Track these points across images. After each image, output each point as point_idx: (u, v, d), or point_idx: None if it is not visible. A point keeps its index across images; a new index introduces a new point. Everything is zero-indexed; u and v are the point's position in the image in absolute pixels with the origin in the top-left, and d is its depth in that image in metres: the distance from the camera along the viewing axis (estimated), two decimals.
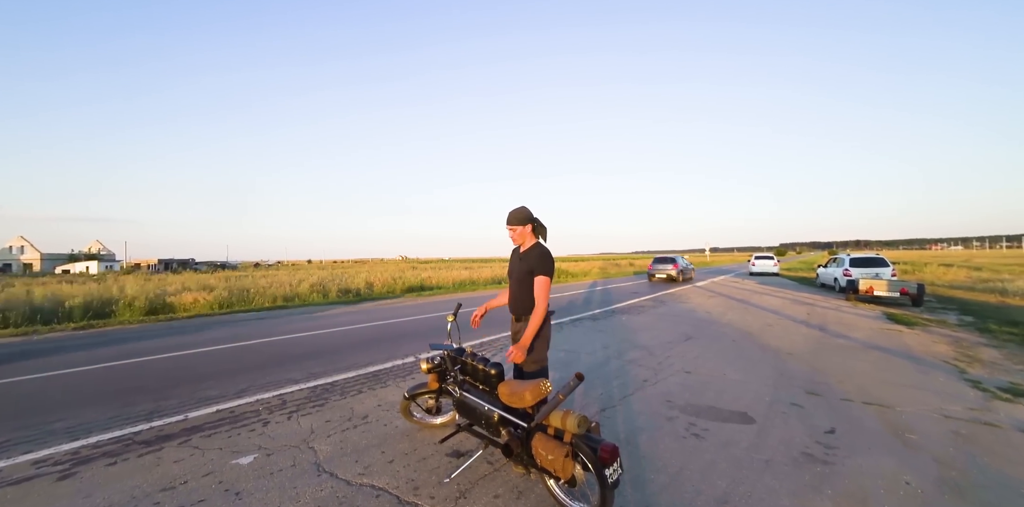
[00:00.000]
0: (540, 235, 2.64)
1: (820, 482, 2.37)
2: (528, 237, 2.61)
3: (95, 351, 6.12)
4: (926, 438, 2.90)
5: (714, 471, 2.50)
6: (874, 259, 13.38)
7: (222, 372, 4.76)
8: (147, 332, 7.80)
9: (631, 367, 4.75)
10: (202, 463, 2.67)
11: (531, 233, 2.62)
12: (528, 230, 2.59)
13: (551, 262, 2.50)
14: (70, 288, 12.89)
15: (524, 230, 2.58)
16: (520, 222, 2.57)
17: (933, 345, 5.76)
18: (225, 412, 3.53)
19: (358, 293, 15.01)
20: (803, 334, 6.58)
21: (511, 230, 2.60)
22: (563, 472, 1.91)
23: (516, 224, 2.57)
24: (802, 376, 4.37)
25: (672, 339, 6.25)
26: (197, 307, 11.33)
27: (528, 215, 2.58)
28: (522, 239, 2.61)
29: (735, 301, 11.21)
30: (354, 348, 5.92)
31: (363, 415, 3.41)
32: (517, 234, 2.59)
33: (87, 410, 3.64)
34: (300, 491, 2.33)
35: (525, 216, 2.58)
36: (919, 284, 9.89)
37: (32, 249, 58.97)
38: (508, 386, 2.27)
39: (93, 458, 2.77)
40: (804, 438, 2.92)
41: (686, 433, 3.03)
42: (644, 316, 8.62)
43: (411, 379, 4.38)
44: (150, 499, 2.29)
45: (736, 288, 15.43)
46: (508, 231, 2.62)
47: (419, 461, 2.65)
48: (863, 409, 3.44)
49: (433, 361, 2.78)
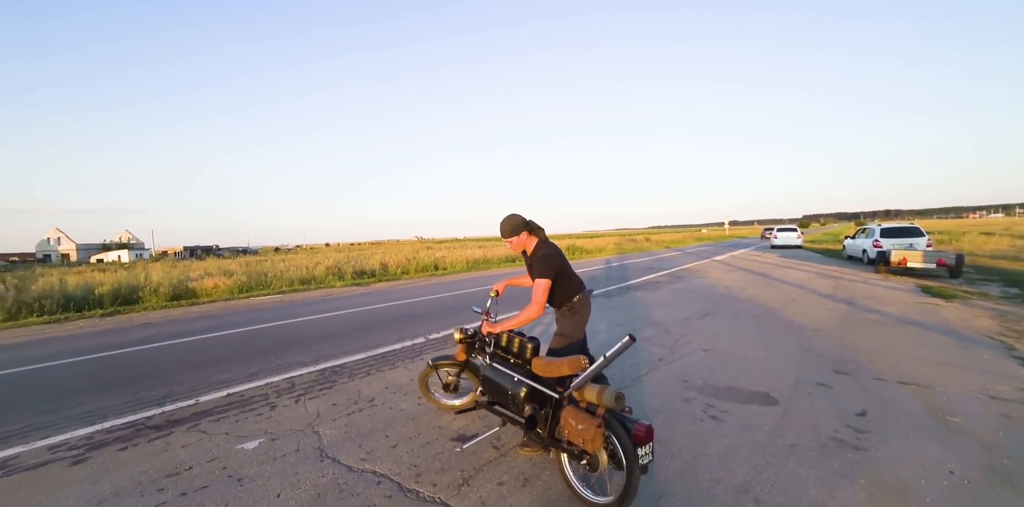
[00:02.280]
0: (538, 235, 2.59)
1: (852, 470, 2.19)
2: (529, 242, 2.56)
3: (119, 337, 6.32)
4: (971, 421, 2.66)
5: (734, 457, 2.34)
6: (908, 229, 12.60)
7: (235, 356, 4.81)
8: (168, 317, 8.02)
9: (646, 345, 4.58)
10: (208, 448, 2.66)
11: (530, 236, 2.56)
12: (524, 237, 2.54)
13: (550, 264, 2.44)
14: (102, 276, 13.40)
15: (520, 239, 2.53)
16: (514, 232, 2.51)
17: (975, 319, 5.37)
18: (235, 396, 3.54)
19: (373, 274, 15.13)
20: (829, 309, 6.25)
21: (508, 243, 2.56)
22: (592, 444, 1.82)
23: (510, 235, 2.52)
24: (829, 354, 4.12)
25: (689, 316, 6.02)
26: (218, 292, 11.61)
27: (520, 223, 2.52)
28: (520, 246, 2.57)
29: (756, 275, 10.80)
30: (365, 330, 5.92)
31: (370, 398, 3.37)
32: (515, 244, 2.56)
33: (104, 395, 3.71)
34: (301, 478, 2.29)
35: (516, 225, 2.51)
36: (958, 254, 9.26)
37: (67, 240, 61.81)
38: (543, 359, 2.21)
39: (106, 443, 2.81)
40: (833, 421, 2.72)
41: (703, 415, 2.87)
42: (660, 292, 8.37)
43: (420, 360, 4.33)
44: (155, 485, 2.29)
45: (757, 262, 14.90)
46: (506, 244, 2.58)
47: (423, 446, 2.58)
48: (898, 389, 3.20)
49: (467, 331, 2.70)
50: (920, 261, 9.64)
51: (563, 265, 2.51)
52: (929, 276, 9.61)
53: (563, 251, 2.60)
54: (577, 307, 2.56)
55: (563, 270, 2.51)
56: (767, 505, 1.94)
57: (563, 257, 2.55)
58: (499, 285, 2.84)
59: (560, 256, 2.52)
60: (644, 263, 15.92)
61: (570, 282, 2.55)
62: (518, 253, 2.65)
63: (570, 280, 2.56)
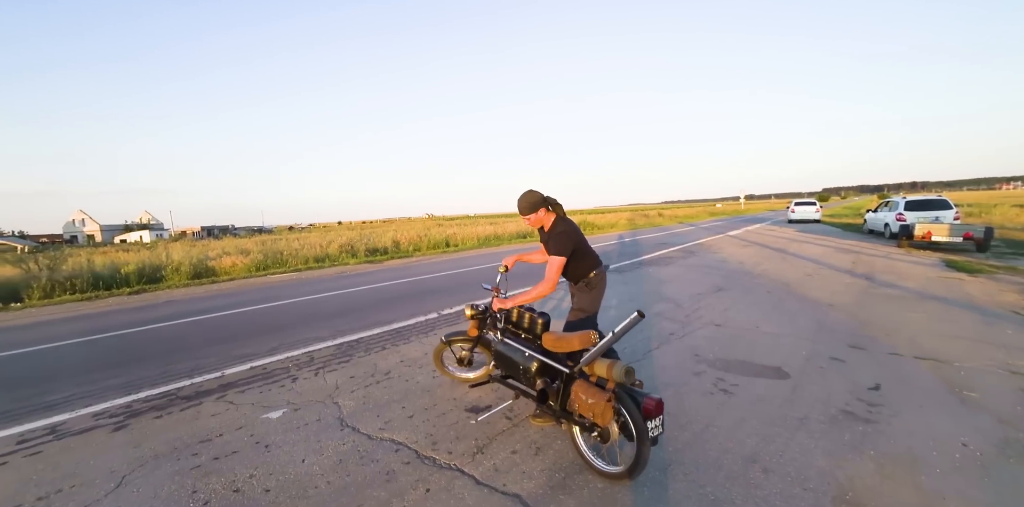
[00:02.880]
0: (557, 211, 2.56)
1: (861, 442, 2.21)
2: (547, 218, 2.54)
3: (146, 314, 6.60)
4: (989, 396, 2.63)
5: (743, 429, 2.38)
6: (934, 201, 12.07)
7: (256, 331, 4.99)
8: (191, 295, 8.31)
9: (658, 320, 4.60)
10: (236, 417, 2.81)
11: (548, 213, 2.54)
12: (542, 214, 2.51)
13: (567, 241, 2.43)
14: (126, 256, 13.84)
15: (538, 216, 2.51)
16: (532, 209, 2.48)
17: (1000, 294, 5.21)
18: (258, 369, 3.70)
19: (385, 251, 15.31)
20: (846, 284, 6.13)
21: (526, 220, 2.54)
22: (602, 418, 1.87)
23: (529, 213, 2.49)
24: (844, 329, 4.07)
25: (701, 291, 5.98)
26: (236, 270, 11.93)
27: (537, 199, 2.48)
28: (539, 222, 2.55)
29: (771, 250, 10.58)
30: (379, 306, 6.05)
31: (386, 371, 3.48)
32: (533, 221, 2.54)
33: (138, 367, 3.92)
34: (324, 444, 2.41)
35: (535, 201, 2.48)
36: (987, 227, 8.87)
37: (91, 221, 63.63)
38: (554, 334, 2.24)
39: (143, 412, 2.99)
40: (845, 395, 2.73)
41: (714, 389, 2.90)
42: (672, 267, 8.30)
43: (433, 335, 4.43)
44: (190, 450, 2.44)
45: (773, 236, 14.57)
46: (525, 221, 2.56)
47: (438, 416, 2.68)
48: (914, 364, 3.17)
49: (478, 307, 2.75)
50: (946, 235, 9.29)
51: (580, 242, 2.50)
52: (954, 250, 9.29)
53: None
54: (594, 283, 2.56)
55: (580, 246, 2.50)
56: (775, 474, 1.98)
57: (580, 234, 2.54)
58: (509, 260, 2.84)
59: (577, 233, 2.51)
60: (656, 238, 15.72)
61: (587, 257, 2.55)
62: (536, 228, 2.63)
63: (587, 255, 2.55)
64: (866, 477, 1.94)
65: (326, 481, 2.09)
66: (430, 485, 2.02)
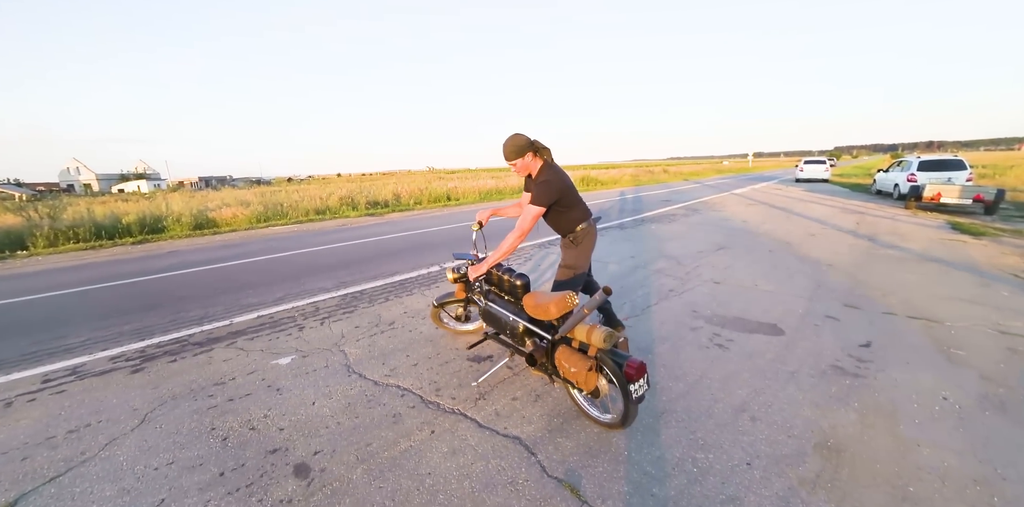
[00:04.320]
0: (543, 156, 2.38)
1: (847, 394, 2.31)
2: (534, 164, 2.39)
3: (151, 263, 6.65)
4: (975, 354, 2.71)
5: (735, 381, 2.48)
6: (949, 161, 11.64)
7: (261, 282, 5.05)
8: (193, 246, 8.33)
9: (657, 277, 4.63)
10: (247, 362, 2.93)
11: (536, 158, 2.37)
12: (529, 159, 2.36)
13: (550, 191, 2.28)
14: (125, 206, 13.70)
15: (525, 162, 2.36)
16: (518, 154, 2.32)
17: (1001, 257, 5.20)
18: (265, 318, 3.79)
19: (386, 204, 15.12)
20: (849, 244, 6.10)
21: (512, 165, 2.38)
22: (585, 385, 1.91)
23: (514, 158, 2.33)
24: (842, 288, 4.11)
25: (703, 249, 5.97)
26: (237, 222, 11.86)
27: (524, 143, 2.30)
28: (526, 169, 2.41)
29: (776, 209, 10.42)
30: (381, 258, 6.08)
31: (390, 321, 3.57)
32: (520, 167, 2.39)
33: (149, 315, 4.02)
34: (332, 389, 2.53)
35: (521, 145, 2.30)
36: (999, 189, 8.64)
37: (87, 170, 62.06)
38: (533, 298, 2.19)
39: (157, 356, 3.11)
40: (836, 351, 2.81)
41: (709, 343, 2.98)
42: (675, 225, 8.22)
43: (436, 287, 4.49)
44: (205, 392, 2.57)
45: (779, 195, 14.28)
46: (511, 167, 2.40)
47: (441, 365, 2.79)
48: (907, 323, 3.24)
49: (459, 271, 2.73)
50: (956, 196, 9.08)
51: (565, 191, 2.34)
52: (963, 212, 9.15)
53: (577, 183, 2.43)
54: (581, 237, 2.46)
55: (566, 197, 2.35)
56: (762, 422, 2.10)
57: (568, 182, 2.38)
58: (482, 215, 2.66)
59: (564, 181, 2.34)
60: (660, 195, 15.43)
61: (573, 209, 2.42)
62: (523, 175, 2.47)
63: (574, 207, 2.42)
64: (848, 426, 2.05)
65: (336, 422, 2.22)
66: (434, 427, 2.15)
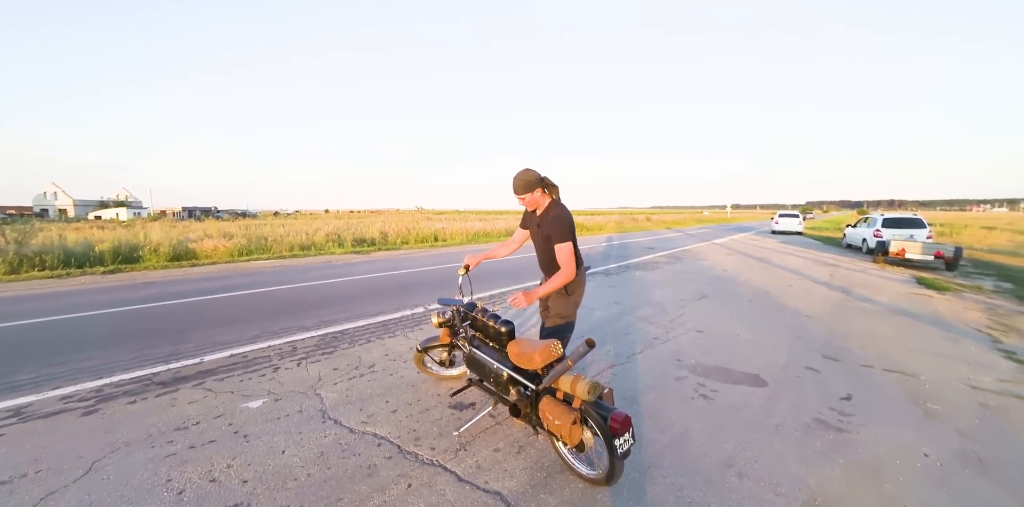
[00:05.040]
0: (552, 194, 2.42)
1: (832, 450, 2.30)
2: (542, 200, 2.41)
3: (121, 294, 6.38)
4: (950, 409, 2.76)
5: (721, 434, 2.45)
6: (910, 219, 12.54)
7: (238, 318, 4.88)
8: (170, 277, 8.07)
9: (642, 324, 4.67)
10: (214, 405, 2.76)
11: (544, 195, 2.41)
12: (539, 195, 2.38)
13: (567, 224, 2.29)
14: (101, 233, 13.38)
15: (534, 197, 2.38)
16: (528, 189, 2.34)
17: (965, 312, 5.46)
18: (238, 357, 3.63)
19: (373, 242, 15.13)
20: (824, 296, 6.33)
21: (520, 199, 2.41)
22: (570, 439, 1.85)
23: (524, 192, 2.35)
24: (820, 339, 4.21)
25: (686, 297, 6.10)
26: (218, 254, 11.63)
27: (534, 179, 2.33)
28: (534, 204, 2.43)
29: (754, 259, 10.84)
30: (365, 297, 5.99)
31: (370, 364, 3.46)
32: (529, 201, 2.40)
33: (112, 350, 3.80)
34: (305, 436, 2.39)
35: (531, 181, 2.32)
36: (956, 247, 9.27)
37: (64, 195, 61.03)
38: (518, 345, 2.17)
39: (115, 396, 2.90)
40: (818, 404, 2.83)
41: (694, 394, 2.97)
42: (658, 272, 8.43)
43: (420, 330, 4.41)
44: (164, 437, 2.39)
45: (756, 246, 14.91)
46: (519, 200, 2.43)
47: (422, 412, 2.68)
48: (884, 376, 3.30)
49: (444, 315, 2.70)
50: (919, 252, 9.67)
51: (574, 233, 2.34)
52: (926, 268, 9.68)
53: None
54: (575, 286, 2.40)
55: (574, 236, 2.35)
56: (750, 479, 2.05)
57: (573, 225, 2.35)
58: (472, 260, 2.64)
59: (571, 220, 2.33)
60: (644, 243, 15.92)
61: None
62: (530, 209, 2.46)
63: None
64: (834, 483, 2.02)
65: (306, 473, 2.07)
66: (412, 480, 2.02)
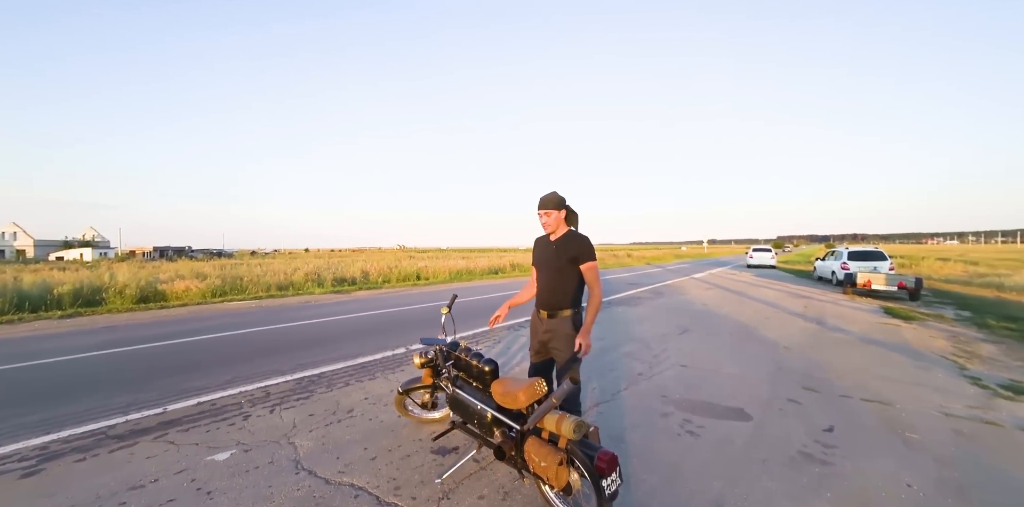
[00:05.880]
0: (572, 223, 2.44)
1: (819, 484, 2.28)
2: (561, 224, 2.41)
3: (78, 340, 5.99)
4: (927, 437, 2.82)
5: (709, 471, 2.41)
6: (872, 253, 13.31)
7: (208, 362, 4.63)
8: (135, 320, 7.66)
9: (627, 360, 4.66)
10: (176, 459, 2.55)
11: (563, 222, 2.42)
12: (562, 216, 2.39)
13: (592, 246, 2.36)
14: (61, 275, 12.70)
15: (559, 216, 2.38)
16: (556, 206, 2.36)
17: (931, 340, 5.69)
18: (206, 404, 3.41)
19: (354, 282, 14.87)
20: (800, 327, 6.51)
21: (545, 215, 2.37)
22: (556, 481, 1.79)
23: (552, 208, 2.35)
24: (799, 371, 4.28)
25: (668, 331, 6.16)
26: (189, 295, 11.17)
27: (562, 200, 2.38)
28: (556, 225, 2.40)
29: (732, 293, 11.14)
30: (344, 338, 5.81)
31: (348, 409, 3.30)
32: (552, 219, 2.37)
33: (64, 402, 3.52)
34: (275, 490, 2.22)
35: (560, 200, 2.37)
36: (917, 278, 9.82)
37: (24, 235, 58.38)
38: (502, 384, 2.15)
39: (62, 454, 2.66)
40: (802, 436, 2.84)
41: (681, 430, 2.94)
42: (641, 307, 8.53)
43: (401, 371, 4.28)
44: (116, 498, 2.18)
45: (733, 280, 15.38)
46: (541, 216, 2.39)
47: (402, 458, 2.55)
48: (862, 406, 3.36)
49: (426, 355, 2.66)
50: (883, 284, 10.17)
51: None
52: (892, 298, 10.13)
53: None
54: (581, 315, 2.41)
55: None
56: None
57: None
58: (502, 311, 2.65)
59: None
60: (626, 278, 16.20)
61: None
62: (549, 230, 2.43)
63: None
64: None
65: None
66: None
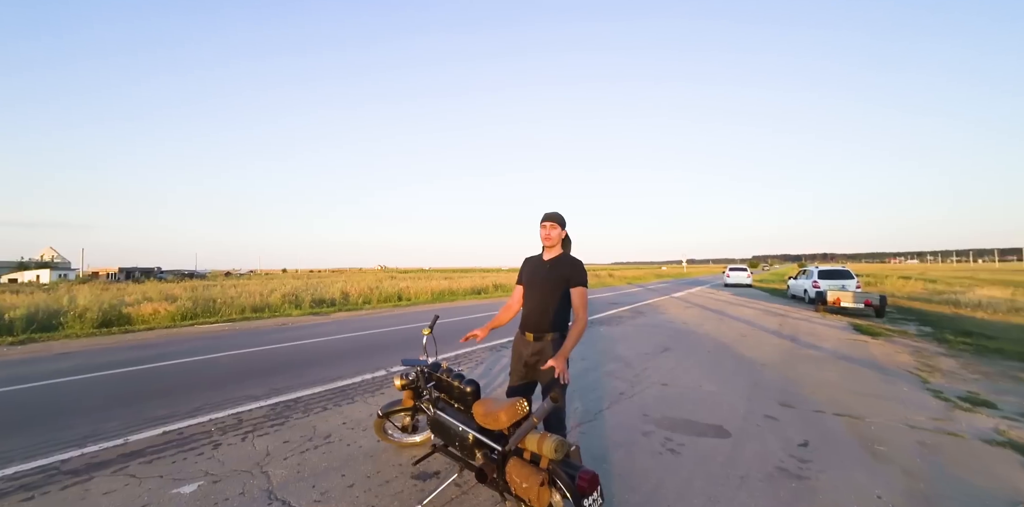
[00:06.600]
0: (565, 247, 2.45)
1: (795, 499, 2.33)
2: (559, 244, 2.42)
3: (30, 368, 5.61)
4: (894, 450, 2.93)
5: (690, 489, 2.43)
6: (840, 271, 13.95)
7: (175, 389, 4.42)
8: (95, 346, 7.24)
9: (608, 379, 4.69)
10: (137, 494, 2.41)
11: (559, 244, 2.42)
12: (563, 235, 2.41)
13: (587, 274, 2.38)
14: (14, 298, 11.93)
15: (560, 233, 2.39)
16: (562, 224, 2.39)
17: (896, 355, 5.95)
18: (173, 434, 3.24)
19: (333, 303, 14.52)
20: (775, 345, 6.70)
21: (551, 227, 2.35)
22: (538, 502, 1.78)
23: (556, 221, 2.37)
24: (775, 387, 4.40)
25: (649, 350, 6.24)
26: (157, 319, 10.66)
27: (565, 221, 2.41)
28: (556, 241, 2.39)
29: (711, 312, 11.40)
30: (322, 361, 5.64)
31: (325, 434, 3.20)
32: (554, 235, 2.36)
33: (13, 435, 3.27)
34: None
35: (564, 220, 2.40)
36: (882, 296, 10.31)
37: None
38: (483, 405, 2.15)
39: (7, 493, 2.46)
40: (779, 452, 2.90)
41: (662, 448, 2.96)
42: (622, 327, 8.62)
43: (381, 394, 4.18)
44: None
45: (712, 299, 15.75)
46: (545, 228, 2.37)
47: (381, 485, 2.48)
48: (834, 421, 3.47)
49: (407, 377, 2.63)
50: (851, 301, 10.63)
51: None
52: (860, 315, 10.57)
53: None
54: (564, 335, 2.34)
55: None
56: None
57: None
58: (481, 332, 2.51)
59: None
60: (607, 298, 16.37)
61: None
62: (549, 244, 2.39)
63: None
64: None
65: None
66: None
